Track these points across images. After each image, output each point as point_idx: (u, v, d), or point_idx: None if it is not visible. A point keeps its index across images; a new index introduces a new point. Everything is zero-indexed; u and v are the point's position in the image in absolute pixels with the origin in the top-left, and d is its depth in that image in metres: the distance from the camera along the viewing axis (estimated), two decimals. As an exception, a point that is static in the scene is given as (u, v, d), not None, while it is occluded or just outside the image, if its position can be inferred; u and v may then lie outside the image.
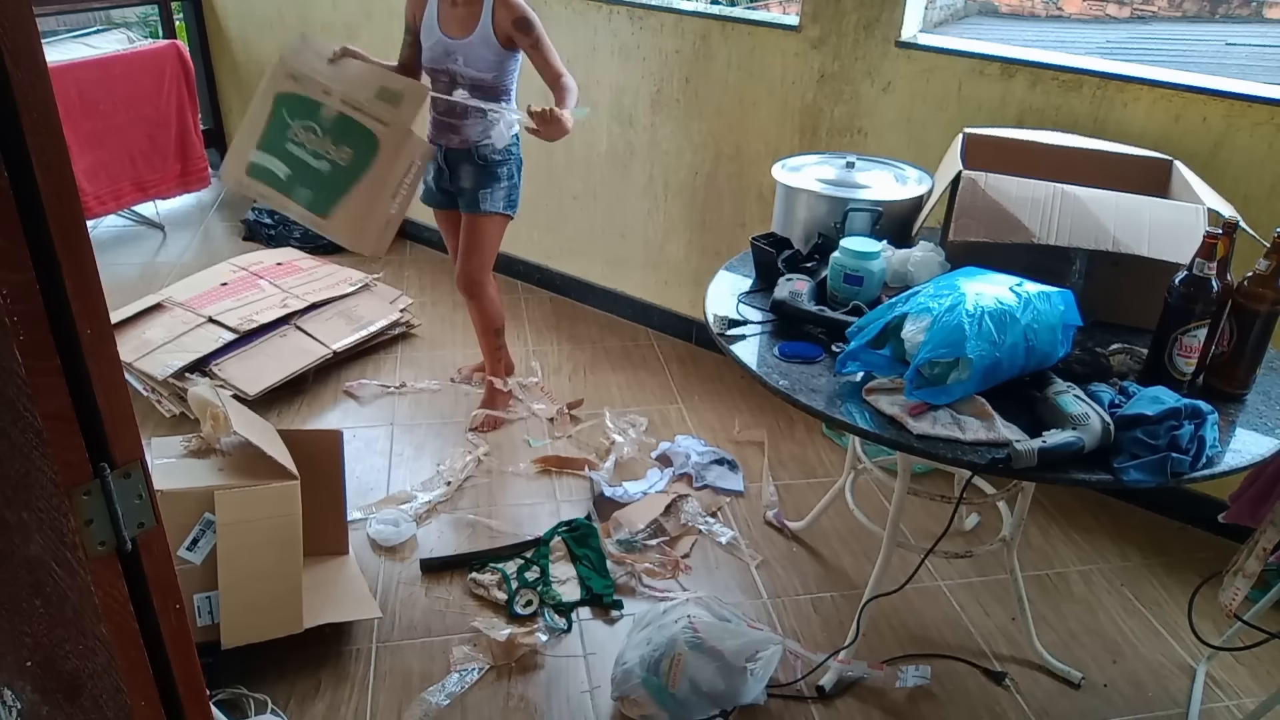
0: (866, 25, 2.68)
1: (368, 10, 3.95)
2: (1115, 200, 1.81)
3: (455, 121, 2.59)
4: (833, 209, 2.08)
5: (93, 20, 5.30)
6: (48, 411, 0.74)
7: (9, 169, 0.69)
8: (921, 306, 1.58)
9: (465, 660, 2.09)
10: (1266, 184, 2.23)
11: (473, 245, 2.71)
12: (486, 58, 2.51)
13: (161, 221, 4.39)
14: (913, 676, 2.08)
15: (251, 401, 2.91)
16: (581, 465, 2.76)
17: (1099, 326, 1.85)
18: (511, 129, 2.57)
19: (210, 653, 1.92)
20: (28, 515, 0.82)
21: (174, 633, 0.87)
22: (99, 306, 0.76)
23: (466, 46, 2.50)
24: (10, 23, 0.66)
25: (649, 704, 1.93)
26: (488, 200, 2.65)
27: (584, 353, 3.44)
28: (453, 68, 2.53)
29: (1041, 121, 2.47)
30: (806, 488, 2.74)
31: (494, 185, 2.66)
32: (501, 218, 2.71)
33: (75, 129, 3.80)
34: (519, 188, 2.75)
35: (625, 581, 2.35)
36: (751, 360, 1.75)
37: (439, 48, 2.53)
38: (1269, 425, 1.61)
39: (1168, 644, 2.25)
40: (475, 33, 2.48)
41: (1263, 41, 10.13)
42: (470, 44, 2.50)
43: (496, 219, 2.70)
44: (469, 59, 2.51)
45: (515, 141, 2.69)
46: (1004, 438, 1.50)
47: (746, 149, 3.06)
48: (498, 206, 2.67)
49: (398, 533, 2.46)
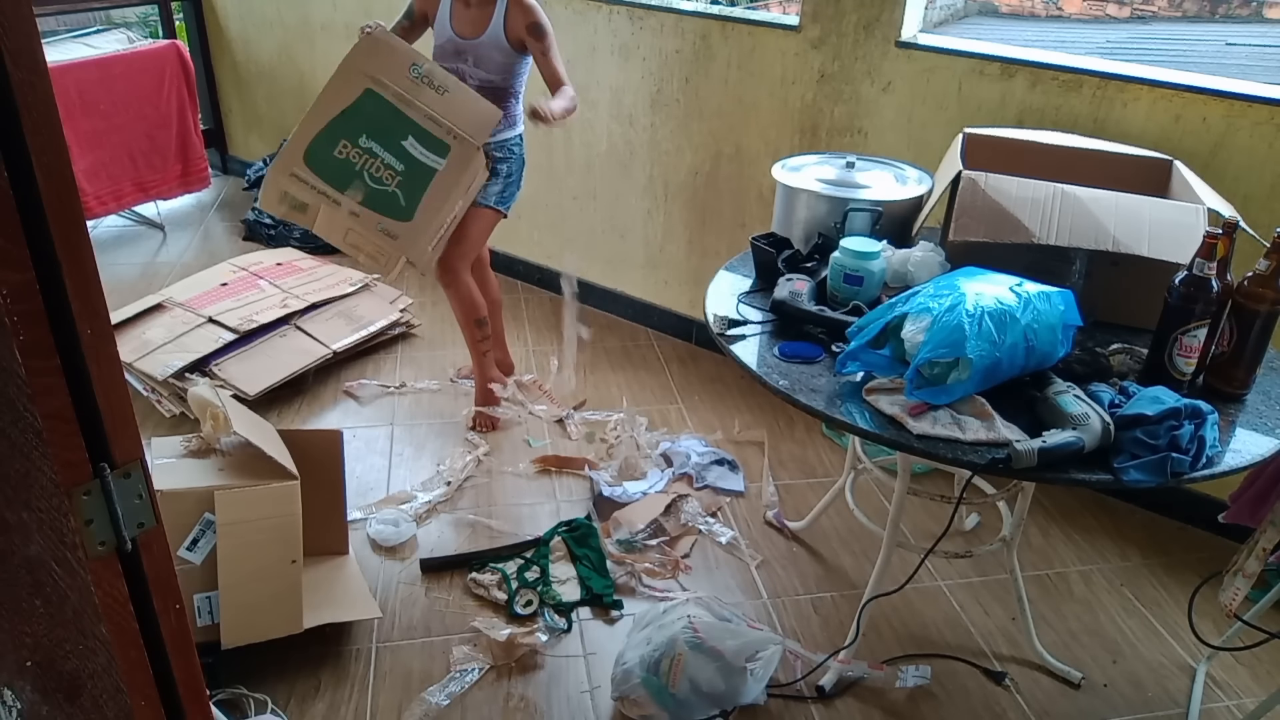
0: (866, 25, 2.68)
1: (368, 10, 3.95)
2: (1115, 200, 1.81)
3: None
4: (833, 209, 2.08)
5: (93, 20, 5.30)
6: (48, 411, 0.74)
7: (9, 169, 0.69)
8: (921, 306, 1.58)
9: (465, 660, 2.09)
10: (1266, 184, 2.23)
11: (458, 233, 2.68)
12: (496, 59, 2.51)
13: (161, 221, 4.39)
14: (913, 676, 2.08)
15: (251, 401, 2.91)
16: (581, 465, 2.76)
17: (1099, 326, 1.85)
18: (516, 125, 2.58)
19: (210, 652, 1.92)
20: (28, 515, 0.82)
21: (174, 633, 0.87)
22: (99, 306, 0.76)
23: (477, 47, 2.50)
24: (10, 23, 0.66)
25: (649, 704, 1.93)
26: (480, 193, 2.66)
27: (584, 353, 3.43)
28: (462, 67, 2.53)
29: (1041, 121, 2.47)
30: (806, 488, 2.74)
31: (491, 179, 2.67)
32: (491, 212, 2.71)
33: (75, 129, 3.80)
34: (516, 186, 2.75)
35: (625, 581, 2.35)
36: (751, 360, 1.75)
37: (450, 46, 2.53)
38: (1269, 425, 1.61)
39: (1168, 644, 2.25)
40: (486, 34, 2.48)
41: (1263, 41, 10.13)
42: (481, 44, 2.49)
43: (485, 213, 2.70)
44: (478, 60, 2.51)
45: (519, 141, 2.69)
46: (1004, 438, 1.50)
47: (746, 149, 3.06)
48: (489, 200, 2.68)
49: (398, 533, 2.46)
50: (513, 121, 2.68)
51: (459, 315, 2.87)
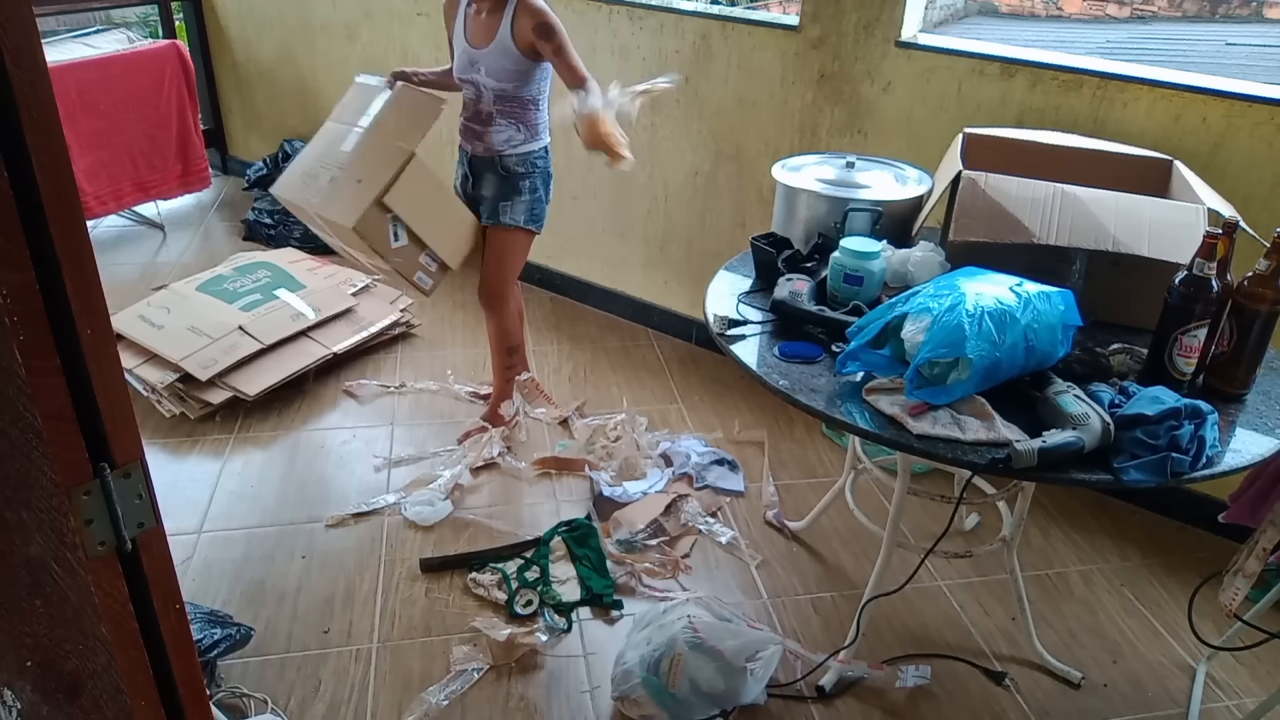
0: (866, 25, 2.68)
1: (367, 10, 3.95)
2: (1115, 200, 1.81)
3: (479, 128, 2.54)
4: (833, 209, 2.08)
5: (93, 20, 5.30)
6: (48, 411, 0.74)
7: (9, 169, 0.69)
8: (921, 306, 1.58)
9: (465, 660, 2.09)
10: (1266, 184, 2.23)
11: (492, 258, 2.66)
12: (506, 67, 2.44)
13: (161, 221, 4.39)
14: (913, 676, 2.08)
15: (252, 401, 2.92)
16: (581, 466, 2.76)
17: (1099, 326, 1.85)
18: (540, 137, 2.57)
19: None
20: (28, 515, 0.82)
21: (174, 633, 0.87)
22: (99, 306, 0.76)
23: (487, 55, 2.45)
24: (10, 23, 0.66)
25: (649, 704, 1.93)
26: (507, 213, 2.59)
27: (584, 353, 3.44)
28: (476, 78, 2.49)
29: (1041, 121, 2.47)
30: (806, 488, 2.74)
31: (514, 198, 2.59)
32: (523, 233, 2.64)
33: (75, 129, 3.80)
34: (544, 202, 2.65)
35: (625, 581, 2.35)
36: (751, 360, 1.75)
37: (465, 57, 2.50)
38: (1269, 425, 1.61)
39: (1168, 644, 2.25)
40: (494, 41, 2.42)
41: (1263, 41, 10.12)
42: (490, 53, 2.44)
43: (517, 233, 2.63)
44: (489, 69, 2.45)
45: (543, 154, 2.61)
46: (1004, 438, 1.50)
47: (746, 149, 3.06)
48: (518, 220, 2.60)
49: (435, 511, 2.53)
50: (535, 133, 2.57)
51: (493, 338, 2.85)
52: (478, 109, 2.54)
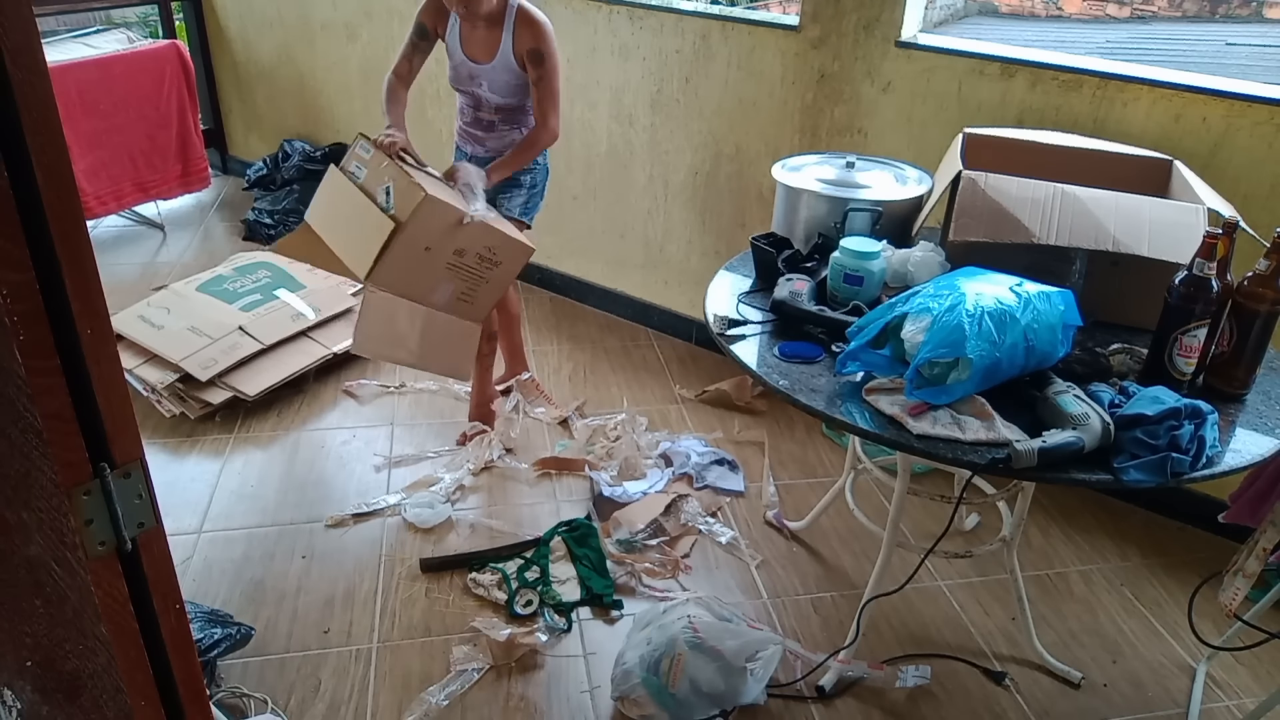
0: (866, 25, 2.68)
1: (367, 10, 3.96)
2: (1115, 200, 1.81)
3: (482, 133, 2.60)
4: (833, 209, 2.08)
5: (93, 20, 5.30)
6: (48, 411, 0.74)
7: (9, 169, 0.69)
8: (921, 306, 1.58)
9: (465, 660, 2.09)
10: (1266, 184, 2.23)
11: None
12: (510, 83, 2.48)
13: (161, 221, 4.39)
14: (913, 676, 2.08)
15: (252, 401, 2.92)
16: (581, 466, 2.76)
17: (1099, 326, 1.85)
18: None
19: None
20: (28, 515, 0.82)
21: (174, 633, 0.87)
22: (99, 306, 0.76)
23: (490, 71, 2.47)
24: (10, 23, 0.66)
25: (649, 704, 1.93)
26: (504, 205, 2.64)
27: (584, 353, 3.44)
28: (478, 91, 2.51)
29: (1041, 121, 2.47)
30: (806, 488, 2.74)
31: (514, 191, 2.65)
32: (515, 224, 2.65)
33: (75, 129, 3.80)
34: (540, 197, 2.73)
35: (625, 581, 2.35)
36: (751, 360, 1.75)
37: (463, 70, 2.51)
38: (1269, 425, 1.61)
39: (1168, 644, 2.25)
40: (497, 58, 2.45)
41: (1263, 41, 10.12)
42: (493, 69, 2.46)
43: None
44: (493, 84, 2.48)
45: (544, 153, 2.65)
46: (1004, 438, 1.50)
47: (746, 149, 3.06)
48: (513, 211, 2.65)
49: (434, 514, 2.53)
50: None
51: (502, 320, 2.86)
52: (478, 116, 2.56)
